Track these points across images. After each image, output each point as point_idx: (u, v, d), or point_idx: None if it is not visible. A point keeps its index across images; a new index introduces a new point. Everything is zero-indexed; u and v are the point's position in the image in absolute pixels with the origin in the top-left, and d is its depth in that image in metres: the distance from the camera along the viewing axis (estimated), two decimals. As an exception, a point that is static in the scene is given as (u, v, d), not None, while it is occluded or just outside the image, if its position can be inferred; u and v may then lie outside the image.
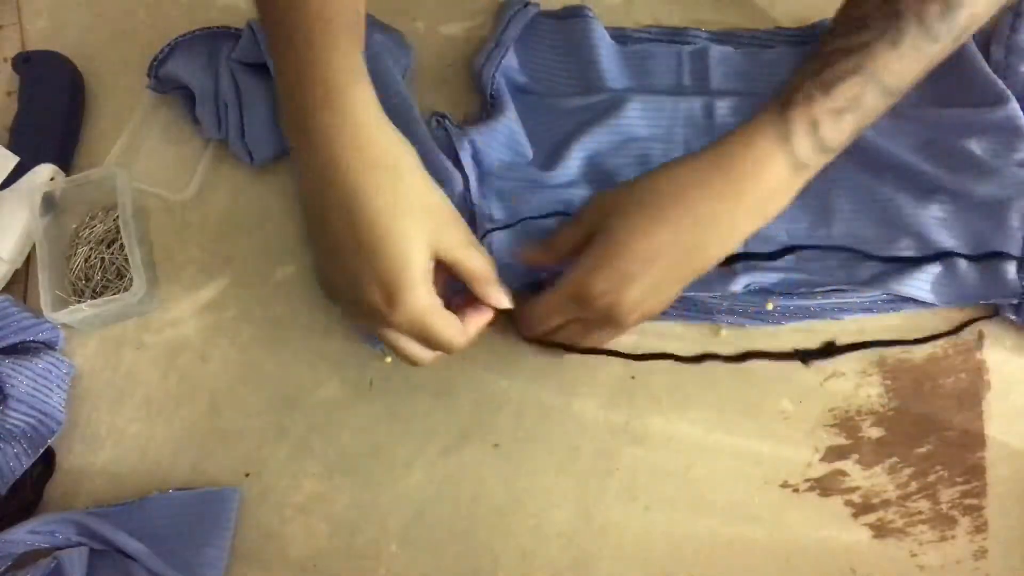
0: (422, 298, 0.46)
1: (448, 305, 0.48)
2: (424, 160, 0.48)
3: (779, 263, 0.56)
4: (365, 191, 0.44)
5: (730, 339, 0.57)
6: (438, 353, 0.50)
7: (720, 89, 0.61)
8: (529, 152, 0.59)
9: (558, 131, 0.59)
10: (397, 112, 0.54)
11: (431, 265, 0.46)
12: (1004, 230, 0.55)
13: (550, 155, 0.59)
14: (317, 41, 0.44)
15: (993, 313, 0.56)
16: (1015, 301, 0.55)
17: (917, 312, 0.57)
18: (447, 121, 0.59)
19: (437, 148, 0.56)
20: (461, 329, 0.48)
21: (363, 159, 0.44)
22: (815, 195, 0.57)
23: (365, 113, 0.45)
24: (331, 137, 0.44)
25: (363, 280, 0.45)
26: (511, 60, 0.61)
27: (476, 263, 0.49)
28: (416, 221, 0.45)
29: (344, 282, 0.47)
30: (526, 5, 0.61)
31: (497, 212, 0.57)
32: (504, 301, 0.50)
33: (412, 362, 0.50)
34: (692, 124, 0.60)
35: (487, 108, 0.60)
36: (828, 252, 0.57)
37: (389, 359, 0.57)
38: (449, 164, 0.56)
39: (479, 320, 0.50)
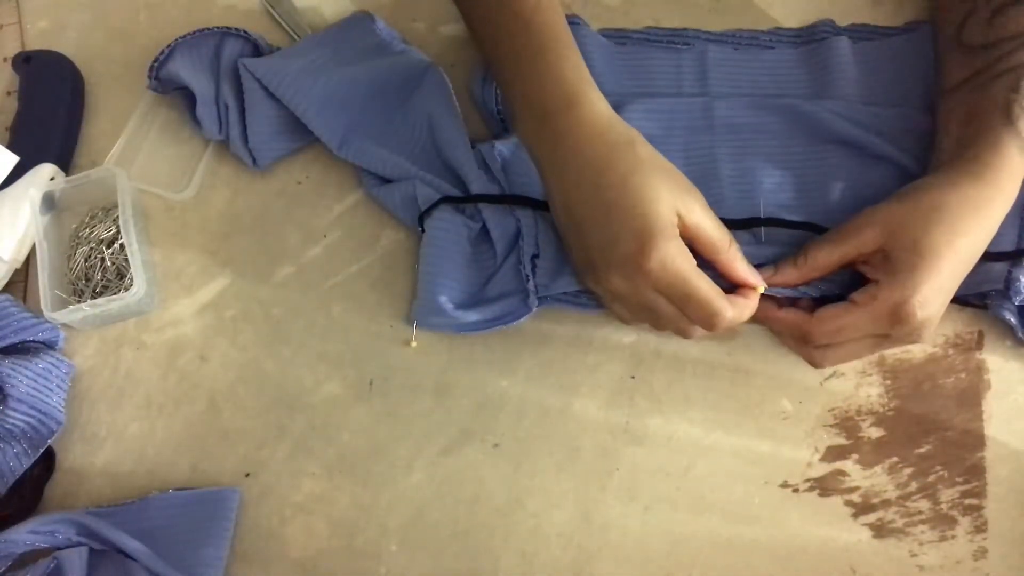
0: (675, 247, 0.48)
1: None
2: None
3: (744, 233, 0.56)
4: (609, 162, 0.49)
5: (729, 338, 0.57)
6: (702, 331, 0.50)
7: (719, 90, 0.61)
8: None
9: None
10: (447, 134, 0.58)
11: (678, 217, 0.48)
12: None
13: None
14: (553, 59, 0.52)
15: (999, 296, 0.56)
16: (1014, 308, 0.55)
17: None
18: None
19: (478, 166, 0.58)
20: (726, 298, 0.49)
21: (605, 142, 0.50)
22: (815, 179, 0.57)
23: (600, 108, 0.51)
24: (576, 131, 0.50)
25: (617, 237, 0.48)
26: None
27: (719, 231, 0.50)
28: (659, 179, 0.49)
29: (599, 253, 0.49)
30: None
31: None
32: (755, 278, 0.51)
33: (680, 330, 0.50)
34: (691, 125, 0.60)
35: (497, 125, 0.61)
36: (797, 234, 0.56)
37: (415, 343, 0.57)
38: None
39: (749, 299, 0.50)
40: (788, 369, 0.56)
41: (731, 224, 0.53)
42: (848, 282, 0.55)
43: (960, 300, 0.56)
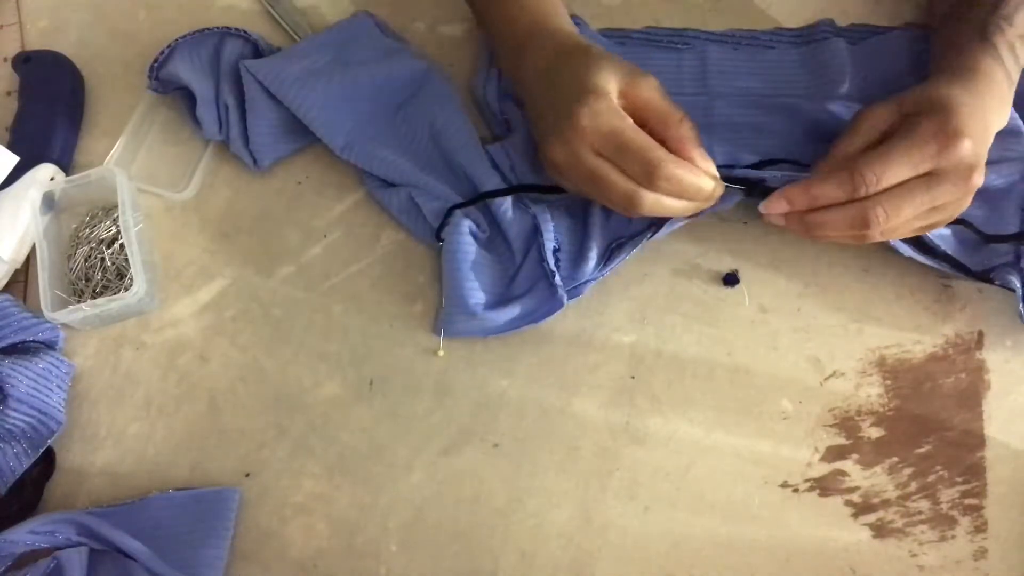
0: (607, 105, 0.49)
1: None
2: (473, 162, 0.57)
3: (762, 173, 0.56)
4: (570, 53, 0.53)
5: (729, 338, 0.57)
6: (643, 193, 0.49)
7: (719, 90, 0.61)
8: None
9: None
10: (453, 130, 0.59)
11: (622, 91, 0.51)
12: (1002, 213, 0.56)
13: None
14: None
15: (1002, 274, 0.56)
16: (1020, 277, 0.55)
17: (918, 311, 0.57)
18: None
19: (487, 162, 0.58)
20: (666, 152, 0.49)
21: (565, 51, 0.53)
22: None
23: (566, 30, 0.56)
24: (542, 52, 0.54)
25: (557, 109, 0.50)
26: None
27: (670, 106, 0.51)
28: (605, 61, 0.51)
29: (542, 129, 0.52)
30: None
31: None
32: (704, 161, 0.50)
33: (626, 197, 0.49)
34: None
35: (499, 125, 0.61)
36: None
37: (442, 352, 0.57)
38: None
39: (698, 166, 0.50)
40: (788, 369, 0.56)
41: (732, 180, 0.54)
42: None
43: (966, 272, 0.55)
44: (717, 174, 0.51)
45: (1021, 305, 0.55)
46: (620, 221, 0.57)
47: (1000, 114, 0.52)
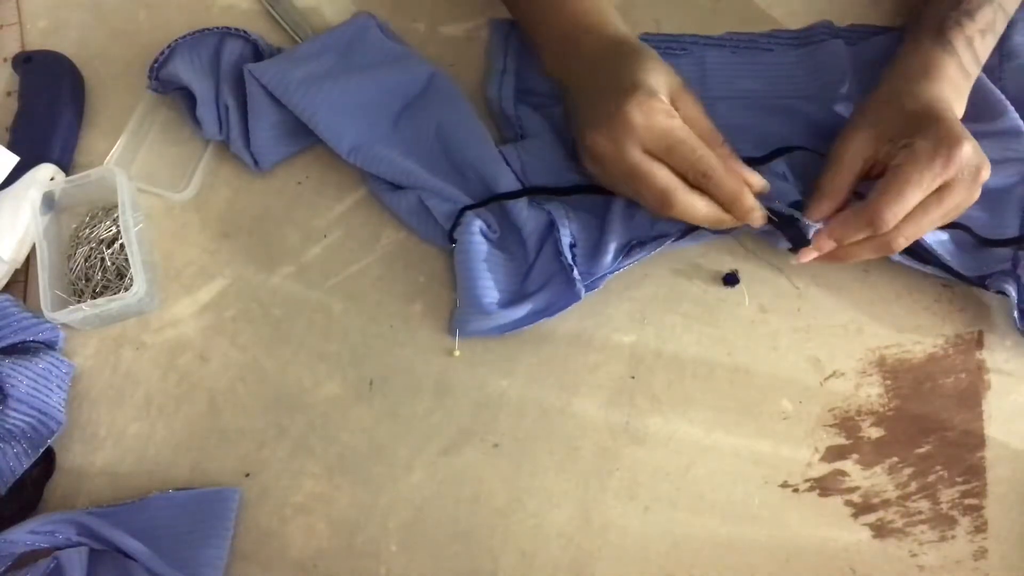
0: (660, 105, 0.50)
1: None
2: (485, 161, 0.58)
3: (773, 166, 0.57)
4: (624, 50, 0.54)
5: (729, 338, 0.57)
6: (682, 194, 0.50)
7: (719, 93, 0.61)
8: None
9: (560, 147, 0.60)
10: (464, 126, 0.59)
11: (671, 98, 0.52)
12: (1002, 216, 0.56)
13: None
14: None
15: (997, 281, 0.56)
16: (1015, 284, 0.55)
17: (918, 311, 0.57)
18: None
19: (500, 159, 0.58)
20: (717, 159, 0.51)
21: (619, 51, 0.54)
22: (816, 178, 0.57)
23: (620, 29, 0.56)
24: (596, 47, 0.55)
25: (606, 97, 0.51)
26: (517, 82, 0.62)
27: (714, 129, 0.53)
28: (659, 66, 0.53)
29: (586, 116, 0.53)
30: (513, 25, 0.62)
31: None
32: (753, 176, 0.52)
33: (664, 195, 0.50)
34: None
35: (510, 129, 0.61)
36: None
37: (458, 352, 0.57)
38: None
39: (747, 181, 0.52)
40: (788, 369, 0.56)
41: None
42: None
43: (961, 278, 0.55)
44: (764, 187, 0.53)
45: (1016, 312, 0.55)
46: (641, 223, 0.57)
47: (959, 105, 0.54)
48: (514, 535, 0.54)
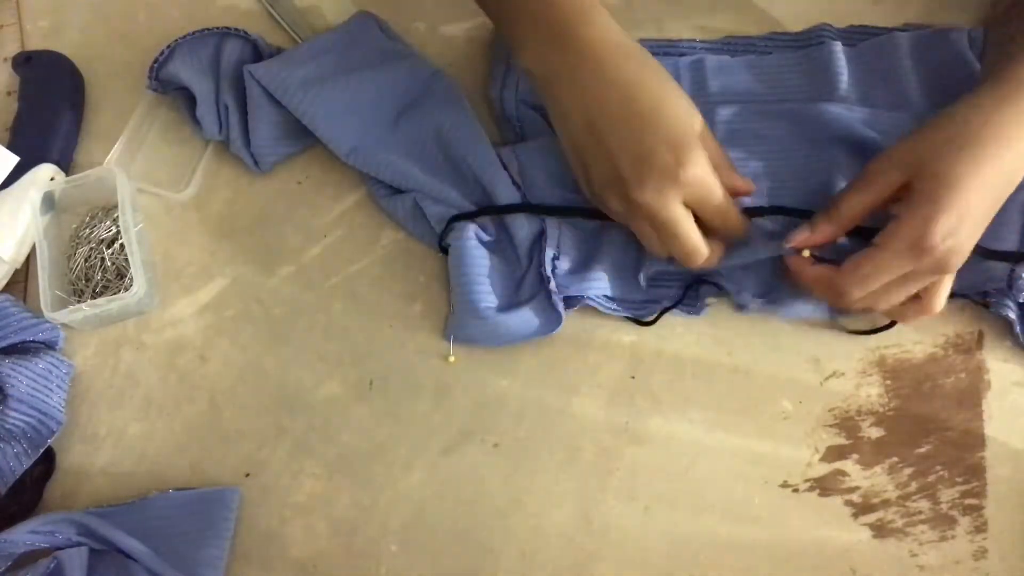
0: (706, 159, 0.49)
1: None
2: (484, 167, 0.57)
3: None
4: (640, 76, 0.51)
5: (729, 338, 0.57)
6: (705, 250, 0.51)
7: (719, 98, 0.61)
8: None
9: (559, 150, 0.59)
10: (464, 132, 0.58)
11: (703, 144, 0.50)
12: (1001, 225, 0.55)
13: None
14: None
15: (1000, 294, 0.56)
16: (1015, 306, 0.55)
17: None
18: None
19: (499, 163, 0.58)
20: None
21: (627, 56, 0.51)
22: (818, 181, 0.57)
23: (612, 24, 0.52)
24: (596, 47, 0.51)
25: (650, 146, 0.49)
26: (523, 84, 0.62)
27: (720, 147, 0.52)
28: (686, 99, 0.51)
29: (631, 167, 0.50)
30: None
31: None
32: (746, 184, 0.53)
33: (691, 248, 0.51)
34: None
35: (512, 131, 0.61)
36: None
37: (453, 358, 0.57)
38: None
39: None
40: (788, 369, 0.56)
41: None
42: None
43: (961, 297, 0.56)
44: (754, 187, 0.54)
45: (1019, 328, 0.55)
46: (633, 256, 0.57)
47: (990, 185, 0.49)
48: (514, 535, 0.54)
